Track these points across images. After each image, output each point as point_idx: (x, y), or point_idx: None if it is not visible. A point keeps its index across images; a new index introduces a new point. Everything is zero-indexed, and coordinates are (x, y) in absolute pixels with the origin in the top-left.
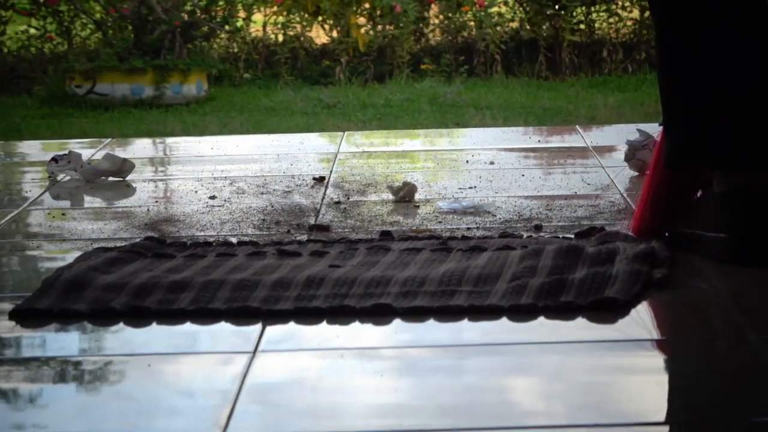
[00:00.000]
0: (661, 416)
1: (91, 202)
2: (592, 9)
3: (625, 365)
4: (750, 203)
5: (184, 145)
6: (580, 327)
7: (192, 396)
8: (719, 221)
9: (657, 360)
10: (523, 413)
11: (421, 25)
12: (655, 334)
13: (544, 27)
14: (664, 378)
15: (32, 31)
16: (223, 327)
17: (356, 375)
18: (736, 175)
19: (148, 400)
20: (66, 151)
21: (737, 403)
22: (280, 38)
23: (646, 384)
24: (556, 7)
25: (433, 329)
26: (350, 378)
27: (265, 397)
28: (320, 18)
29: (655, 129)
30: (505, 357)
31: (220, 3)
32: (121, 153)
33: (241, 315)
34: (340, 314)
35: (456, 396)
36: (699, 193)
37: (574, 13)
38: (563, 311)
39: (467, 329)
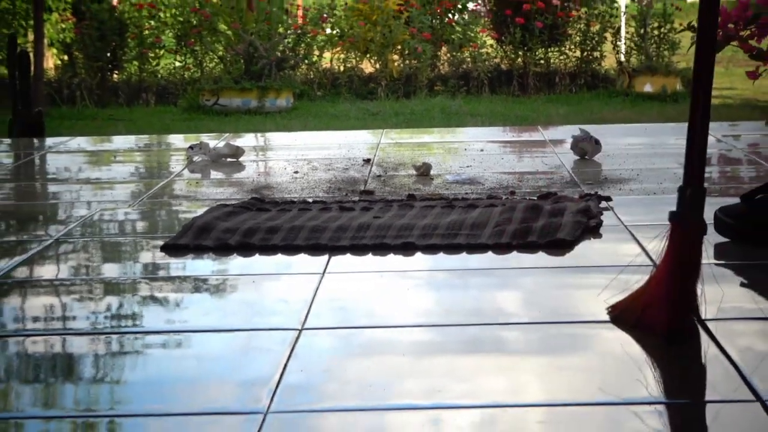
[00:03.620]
0: (603, 316)
1: (215, 175)
2: (549, 50)
3: (573, 283)
4: None
5: (277, 138)
6: (541, 258)
7: (285, 302)
8: None
9: (595, 279)
10: (509, 314)
11: (434, 60)
12: (592, 262)
13: (516, 62)
14: (601, 291)
15: (177, 63)
16: (303, 257)
17: (393, 289)
18: None
19: (255, 304)
20: (199, 141)
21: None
22: (342, 68)
23: (589, 295)
24: (525, 48)
25: (443, 259)
26: (390, 291)
27: (331, 303)
28: (368, 55)
29: (590, 129)
30: (495, 278)
31: (302, 45)
32: (236, 143)
33: (314, 249)
34: (381, 249)
35: (464, 302)
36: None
37: (537, 53)
38: (530, 247)
39: (467, 259)
